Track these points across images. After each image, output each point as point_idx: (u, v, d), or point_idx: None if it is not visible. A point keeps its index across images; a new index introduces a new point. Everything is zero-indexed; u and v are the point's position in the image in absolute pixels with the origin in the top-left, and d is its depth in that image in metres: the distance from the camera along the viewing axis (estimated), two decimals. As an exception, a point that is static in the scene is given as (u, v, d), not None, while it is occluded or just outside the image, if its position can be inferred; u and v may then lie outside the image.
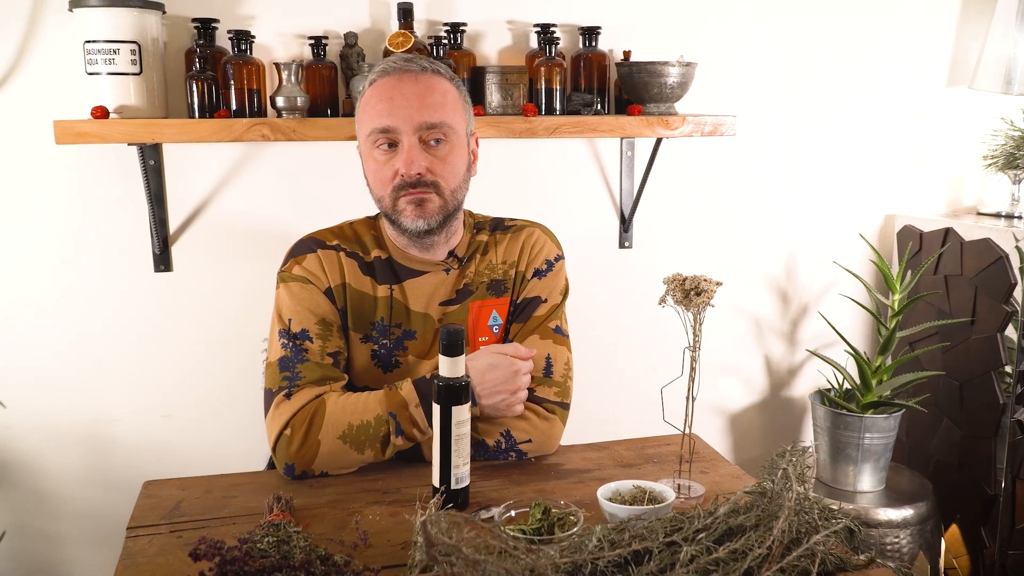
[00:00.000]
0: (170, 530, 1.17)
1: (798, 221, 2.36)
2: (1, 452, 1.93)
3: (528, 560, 0.74)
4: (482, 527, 0.76)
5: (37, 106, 1.80)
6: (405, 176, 1.32)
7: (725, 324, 2.35)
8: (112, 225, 1.91)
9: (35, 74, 1.80)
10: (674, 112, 1.92)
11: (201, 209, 1.95)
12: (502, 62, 2.03)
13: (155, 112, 1.73)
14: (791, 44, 2.25)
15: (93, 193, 1.89)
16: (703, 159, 2.24)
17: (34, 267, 1.89)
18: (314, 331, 1.37)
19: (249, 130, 1.65)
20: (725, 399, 2.42)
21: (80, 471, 1.97)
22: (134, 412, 1.99)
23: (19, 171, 1.84)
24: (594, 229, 2.21)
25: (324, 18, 1.92)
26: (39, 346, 1.92)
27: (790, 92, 2.28)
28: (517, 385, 1.32)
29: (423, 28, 1.98)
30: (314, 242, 1.43)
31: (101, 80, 1.67)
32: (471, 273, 1.46)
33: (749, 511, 0.96)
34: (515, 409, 1.34)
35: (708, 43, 2.17)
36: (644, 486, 1.17)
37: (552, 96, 1.90)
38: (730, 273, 2.33)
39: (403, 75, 1.34)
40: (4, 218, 1.86)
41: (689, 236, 2.28)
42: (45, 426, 1.94)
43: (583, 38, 2.00)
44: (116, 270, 1.93)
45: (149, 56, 1.70)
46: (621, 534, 0.93)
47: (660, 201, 2.24)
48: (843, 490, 2.10)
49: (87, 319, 1.93)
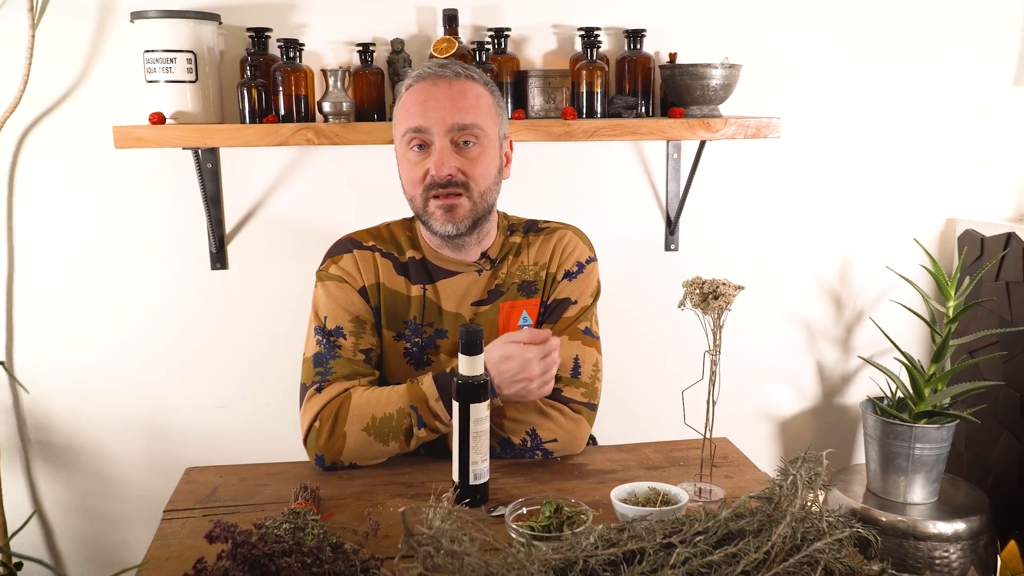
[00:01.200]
0: (203, 514, 1.23)
1: (853, 225, 2.30)
2: (69, 437, 2.06)
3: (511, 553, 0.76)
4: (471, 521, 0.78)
5: (102, 113, 1.91)
6: (436, 176, 1.35)
7: (774, 329, 2.31)
8: (172, 225, 2.01)
9: (100, 82, 1.91)
10: (717, 114, 1.90)
11: (255, 210, 2.04)
12: (547, 66, 2.05)
13: (210, 118, 1.81)
14: (845, 42, 2.20)
15: (154, 195, 1.99)
16: (752, 161, 2.21)
17: (101, 266, 2.01)
18: (348, 328, 1.42)
19: (294, 134, 1.71)
20: (775, 405, 2.37)
21: (140, 457, 2.08)
22: (190, 402, 2.09)
23: (86, 175, 1.96)
24: (640, 231, 2.20)
25: (373, 26, 1.98)
26: (105, 339, 2.03)
27: (845, 92, 2.22)
28: (532, 372, 1.29)
29: (469, 34, 2.01)
30: (351, 243, 1.48)
31: (159, 87, 1.76)
32: (503, 274, 1.49)
33: (752, 516, 0.95)
34: (540, 392, 1.32)
35: (757, 44, 2.14)
36: (659, 488, 1.18)
37: (593, 99, 1.90)
38: (780, 277, 2.30)
39: (437, 79, 1.37)
40: (72, 219, 1.98)
41: (737, 239, 2.25)
42: (109, 414, 2.06)
43: (628, 41, 2.01)
44: (176, 268, 2.03)
45: (205, 64, 1.79)
46: (620, 534, 0.94)
47: (707, 203, 2.22)
48: (893, 501, 2.04)
49: (149, 314, 2.04)
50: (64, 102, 1.91)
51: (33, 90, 1.87)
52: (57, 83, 1.90)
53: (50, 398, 2.03)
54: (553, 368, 1.32)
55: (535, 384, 1.31)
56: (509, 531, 1.08)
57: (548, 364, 1.32)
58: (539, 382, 1.31)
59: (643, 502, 1.16)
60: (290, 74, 1.79)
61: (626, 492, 1.18)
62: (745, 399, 2.34)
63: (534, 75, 1.93)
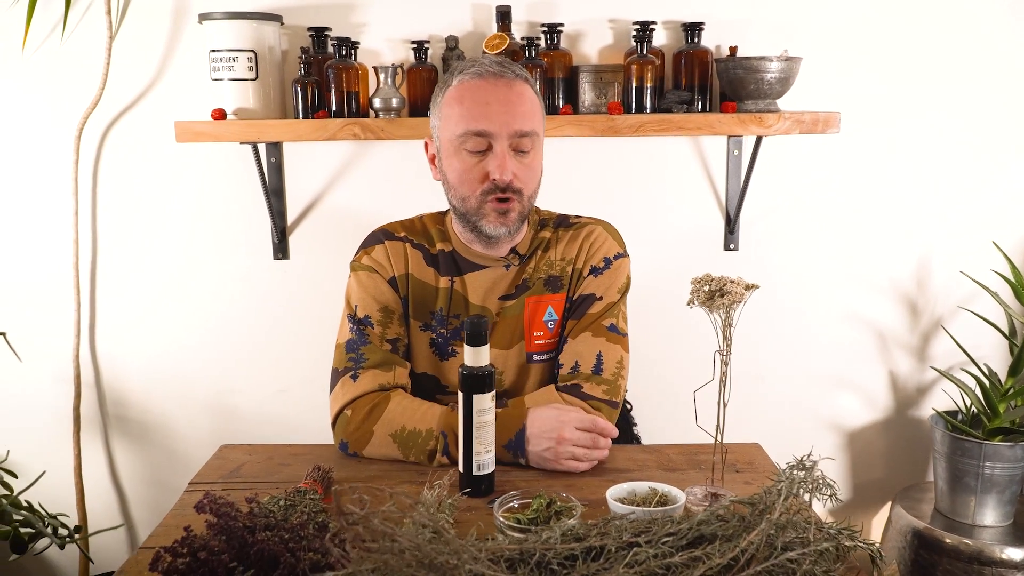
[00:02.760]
0: (222, 488, 1.30)
1: (929, 227, 2.17)
2: (143, 413, 2.20)
3: (451, 538, 0.77)
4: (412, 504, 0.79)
5: (174, 110, 2.03)
6: (499, 180, 1.35)
7: (843, 334, 2.21)
8: (237, 218, 2.11)
9: (174, 81, 2.03)
10: (774, 109, 1.83)
11: (315, 203, 2.12)
12: (603, 61, 2.03)
13: (269, 114, 1.89)
14: (923, 32, 2.07)
15: (220, 189, 2.10)
16: (818, 157, 2.11)
17: (173, 256, 2.13)
18: (376, 318, 1.46)
19: (342, 129, 1.77)
20: (842, 414, 2.26)
21: (206, 435, 2.20)
22: (253, 385, 2.19)
23: (159, 169, 2.09)
24: (698, 230, 2.15)
25: (429, 23, 2.01)
26: (175, 323, 2.16)
27: (921, 85, 2.09)
28: (562, 435, 1.28)
29: (524, 30, 2.02)
30: (384, 234, 1.52)
31: (224, 85, 1.86)
32: (530, 269, 1.49)
33: (726, 521, 0.92)
34: (563, 460, 1.29)
35: (825, 35, 2.04)
36: (659, 488, 1.15)
37: (643, 94, 1.87)
38: (848, 279, 2.19)
39: (497, 80, 1.36)
40: (146, 212, 2.11)
41: (800, 238, 2.16)
42: (179, 394, 2.19)
43: (686, 34, 1.96)
44: (241, 258, 2.14)
45: (265, 63, 1.87)
46: (589, 530, 0.93)
47: (768, 202, 2.14)
48: (961, 522, 1.91)
49: (215, 301, 2.15)
50: (141, 100, 2.05)
51: (112, 89, 2.02)
52: (135, 82, 2.04)
53: (127, 376, 2.18)
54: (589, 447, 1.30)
55: (563, 448, 1.29)
56: (496, 521, 1.08)
57: (583, 438, 1.30)
58: (566, 448, 1.29)
59: (640, 502, 1.14)
60: (342, 71, 1.85)
61: (625, 491, 1.16)
62: (809, 407, 2.25)
63: (585, 70, 1.91)
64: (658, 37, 2.03)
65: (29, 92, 2.04)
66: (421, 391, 1.50)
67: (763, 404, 2.23)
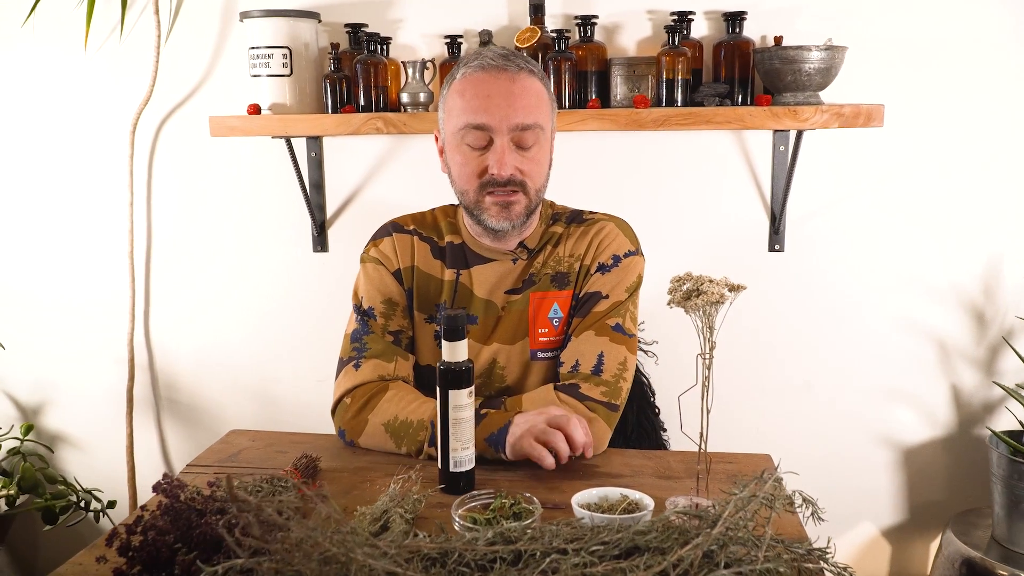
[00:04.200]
0: (214, 472, 1.33)
1: (1001, 228, 1.99)
2: (192, 397, 2.30)
3: (349, 532, 0.76)
4: (315, 496, 0.79)
5: (219, 106, 2.11)
6: (497, 176, 1.34)
7: (899, 344, 2.06)
8: (278, 210, 2.17)
9: (220, 77, 2.11)
10: (814, 101, 1.73)
11: (353, 197, 2.15)
12: (640, 53, 1.97)
13: (304, 108, 1.94)
14: (990, 13, 1.91)
15: (262, 183, 2.17)
16: (872, 152, 1.98)
17: (219, 248, 2.22)
18: (379, 309, 1.46)
19: (365, 123, 1.79)
20: (898, 430, 2.12)
21: (250, 419, 2.27)
22: (293, 375, 2.25)
23: (206, 163, 2.17)
24: (741, 230, 2.06)
25: (465, 18, 2.01)
26: (221, 312, 2.24)
27: (987, 71, 1.92)
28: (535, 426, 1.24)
29: (560, 22, 1.99)
30: (393, 226, 1.53)
31: (261, 81, 1.91)
32: (538, 264, 1.46)
33: (665, 532, 0.87)
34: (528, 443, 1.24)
35: (877, 22, 1.91)
36: (629, 495, 1.11)
37: (674, 87, 1.80)
38: (906, 285, 2.05)
39: (500, 73, 1.34)
40: (191, 207, 2.20)
41: (853, 239, 2.03)
42: (225, 380, 2.27)
43: (727, 24, 1.88)
44: (282, 251, 2.20)
45: (301, 59, 1.91)
46: (523, 533, 0.90)
47: (818, 199, 2.02)
48: (1018, 553, 1.75)
49: (258, 291, 2.23)
50: (192, 97, 2.14)
51: (163, 87, 2.11)
52: (185, 80, 2.13)
53: (177, 361, 2.28)
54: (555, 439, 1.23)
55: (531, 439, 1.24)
56: (453, 519, 1.06)
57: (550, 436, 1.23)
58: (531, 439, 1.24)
59: (607, 508, 1.09)
60: (369, 67, 1.86)
61: (596, 496, 1.12)
62: (861, 420, 2.11)
63: (617, 63, 1.86)
64: (699, 28, 1.95)
65: (90, 88, 2.17)
66: (425, 383, 1.49)
67: (811, 414, 2.11)
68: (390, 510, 1.05)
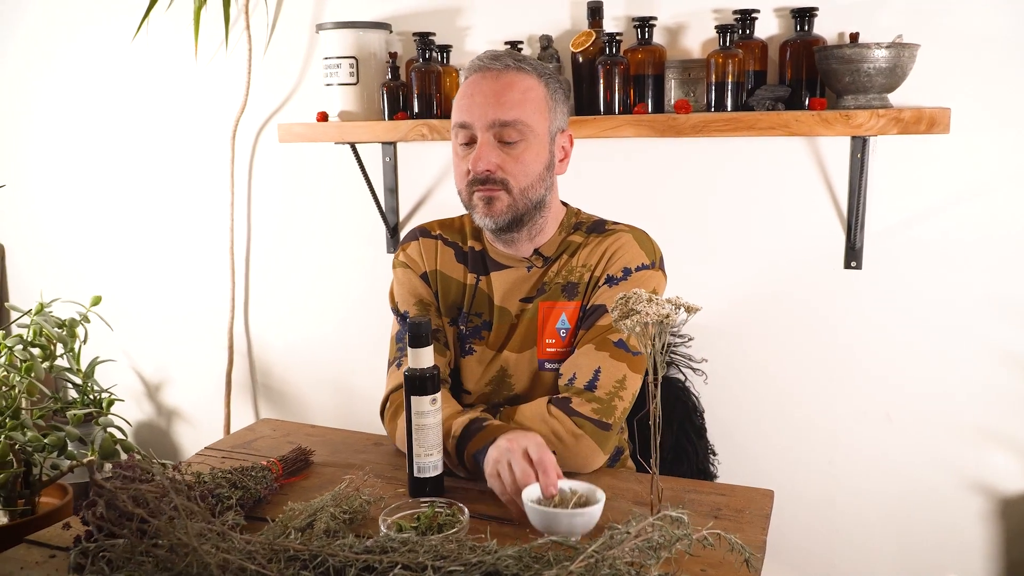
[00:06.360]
0: (223, 456, 1.44)
1: None
2: (283, 383, 2.47)
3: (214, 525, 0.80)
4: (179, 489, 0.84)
5: (305, 113, 2.25)
6: (472, 170, 1.36)
7: (996, 378, 1.82)
8: (358, 214, 2.28)
9: (307, 88, 2.26)
10: (877, 105, 1.57)
11: (424, 199, 2.22)
12: (704, 55, 1.88)
13: (371, 116, 2.02)
14: None
15: (342, 187, 2.28)
16: (966, 161, 1.76)
17: (305, 251, 2.38)
18: (413, 312, 1.51)
19: (412, 130, 1.84)
20: (994, 476, 1.86)
21: (330, 408, 2.42)
22: (368, 367, 2.35)
23: (293, 169, 2.33)
24: (814, 245, 1.90)
25: (529, 24, 2.01)
26: (307, 306, 2.41)
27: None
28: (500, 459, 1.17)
29: (621, 24, 1.94)
30: (420, 231, 1.57)
31: (332, 90, 2.03)
32: (552, 272, 1.45)
33: (528, 561, 0.85)
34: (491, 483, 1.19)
35: (967, 19, 1.69)
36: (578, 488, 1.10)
37: (724, 89, 1.70)
38: (1005, 311, 1.80)
39: (486, 72, 1.37)
40: (283, 210, 2.37)
41: (940, 258, 1.82)
42: (309, 369, 2.43)
43: (795, 22, 1.75)
44: (358, 251, 2.31)
45: (368, 68, 2.00)
46: (403, 545, 0.91)
47: (903, 212, 1.83)
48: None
49: (339, 289, 2.36)
50: (285, 105, 2.30)
51: (258, 96, 2.29)
52: (278, 90, 2.30)
53: (271, 350, 2.47)
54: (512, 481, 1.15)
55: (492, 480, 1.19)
56: (380, 525, 1.09)
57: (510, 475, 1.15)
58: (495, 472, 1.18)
59: (558, 503, 1.08)
60: (423, 74, 1.92)
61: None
62: (950, 462, 1.88)
63: (671, 66, 1.79)
64: (768, 27, 1.83)
65: (199, 96, 2.40)
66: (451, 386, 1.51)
67: (890, 450, 1.92)
68: (324, 508, 1.09)
